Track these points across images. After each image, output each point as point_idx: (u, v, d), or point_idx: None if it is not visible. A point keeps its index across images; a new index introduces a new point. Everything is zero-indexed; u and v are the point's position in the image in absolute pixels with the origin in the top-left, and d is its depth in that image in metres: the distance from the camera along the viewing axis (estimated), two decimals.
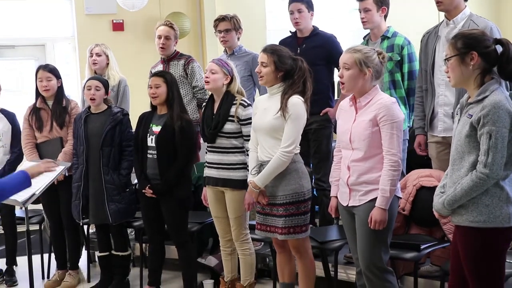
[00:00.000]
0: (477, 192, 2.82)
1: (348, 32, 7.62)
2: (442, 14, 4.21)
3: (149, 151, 4.39)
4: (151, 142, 4.37)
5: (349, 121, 3.46)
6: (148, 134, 4.39)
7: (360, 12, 4.56)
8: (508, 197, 2.84)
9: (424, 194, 4.02)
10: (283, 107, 3.65)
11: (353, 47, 3.52)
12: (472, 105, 2.88)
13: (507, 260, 3.27)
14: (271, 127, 3.70)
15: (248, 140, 4.01)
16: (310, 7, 4.83)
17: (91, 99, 4.69)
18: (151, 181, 4.38)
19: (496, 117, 2.76)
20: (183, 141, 4.32)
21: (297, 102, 3.66)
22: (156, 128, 4.38)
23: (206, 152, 4.27)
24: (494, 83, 2.86)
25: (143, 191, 4.39)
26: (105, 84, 4.79)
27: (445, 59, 2.96)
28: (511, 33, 7.18)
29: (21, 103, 5.98)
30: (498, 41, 2.91)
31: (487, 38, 2.90)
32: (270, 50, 3.77)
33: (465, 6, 4.09)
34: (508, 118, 2.77)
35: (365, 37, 4.76)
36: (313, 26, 4.89)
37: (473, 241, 2.87)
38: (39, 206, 5.21)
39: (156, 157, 4.35)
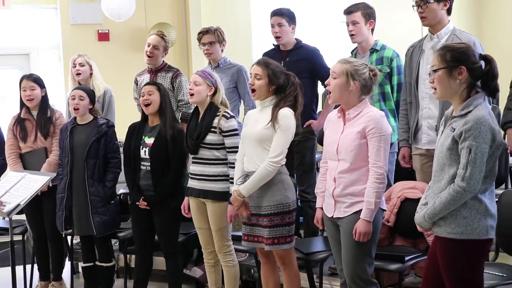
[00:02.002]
0: (455, 205, 2.86)
1: (338, 45, 7.63)
2: (426, 28, 4.26)
3: (142, 163, 4.39)
4: (145, 154, 4.37)
5: (337, 132, 3.49)
6: (141, 146, 4.39)
7: (348, 25, 4.59)
8: (487, 210, 2.88)
9: (409, 205, 4.05)
10: (274, 118, 3.68)
11: (346, 58, 3.57)
12: (455, 119, 2.92)
13: (488, 272, 3.33)
14: (259, 136, 3.72)
15: (231, 152, 4.04)
16: (292, 20, 4.84)
17: (74, 108, 4.68)
18: (144, 192, 4.38)
19: (477, 132, 2.80)
20: (175, 151, 4.32)
21: (287, 114, 3.70)
22: (149, 140, 4.38)
23: (191, 163, 4.27)
24: (478, 98, 2.90)
25: (137, 203, 4.38)
26: (90, 94, 4.78)
27: (432, 70, 2.99)
28: (492, 47, 7.27)
29: (5, 113, 5.95)
30: (483, 57, 2.95)
31: (474, 54, 2.94)
32: (264, 63, 3.80)
33: (449, 20, 4.15)
34: (489, 134, 2.81)
35: (353, 51, 4.78)
36: (296, 39, 4.92)
37: (452, 252, 2.91)
38: (22, 217, 5.18)
39: (149, 168, 4.35)
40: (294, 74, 3.84)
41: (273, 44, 4.98)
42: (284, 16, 4.81)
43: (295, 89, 3.78)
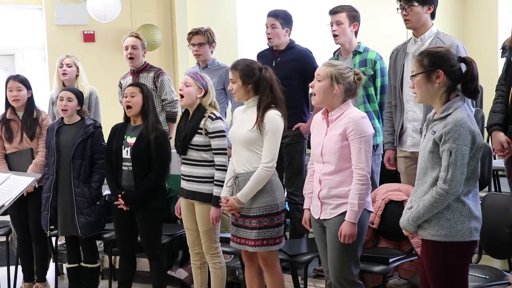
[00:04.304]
0: (439, 208, 2.89)
1: (322, 47, 7.66)
2: (410, 31, 4.30)
3: (124, 163, 4.38)
4: (126, 154, 4.36)
5: (321, 134, 3.51)
6: (123, 146, 4.39)
7: (332, 25, 4.61)
8: (470, 212, 2.92)
9: (393, 208, 4.07)
10: (259, 122, 3.70)
11: (331, 61, 3.59)
12: (436, 122, 2.96)
13: (471, 274, 3.36)
14: (245, 139, 3.74)
15: (217, 153, 4.06)
16: (286, 24, 4.81)
17: (62, 109, 4.67)
18: (125, 192, 4.36)
19: (457, 134, 2.83)
20: (158, 152, 4.32)
21: (274, 116, 3.71)
22: (131, 140, 4.37)
23: (182, 164, 4.27)
24: (458, 101, 2.94)
25: (115, 203, 4.37)
26: (78, 95, 4.76)
27: (411, 76, 3.04)
28: (476, 50, 7.35)
29: None
30: (462, 60, 2.99)
31: (452, 57, 2.98)
32: (234, 66, 3.83)
33: (432, 24, 4.19)
34: (469, 136, 2.85)
35: (335, 52, 4.79)
36: (290, 39, 4.92)
37: (436, 254, 2.94)
38: (7, 218, 5.15)
39: (131, 169, 4.34)
40: (280, 73, 3.85)
41: (267, 44, 4.98)
42: (278, 18, 4.80)
43: (267, 82, 3.77)
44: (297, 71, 4.71)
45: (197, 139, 4.09)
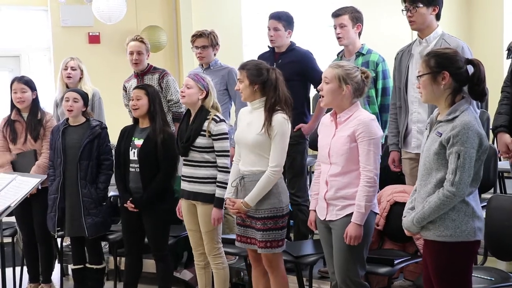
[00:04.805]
0: (444, 209, 2.90)
1: (325, 49, 7.66)
2: (415, 32, 4.30)
3: (131, 165, 4.40)
4: (134, 156, 4.38)
5: (329, 135, 3.51)
6: (131, 148, 4.40)
7: (336, 28, 4.62)
8: (474, 212, 2.93)
9: (398, 209, 4.05)
10: (267, 125, 3.70)
11: (337, 62, 3.59)
12: (442, 123, 2.95)
13: (477, 276, 3.36)
14: (254, 143, 3.75)
15: (220, 155, 4.08)
16: (288, 25, 4.83)
17: (68, 110, 4.69)
18: (134, 195, 4.38)
19: (465, 137, 2.84)
20: (165, 154, 4.33)
21: (282, 120, 3.72)
22: (138, 142, 4.39)
23: (182, 165, 4.28)
24: (464, 103, 2.94)
25: (125, 205, 4.38)
26: (84, 96, 4.78)
27: (417, 76, 3.04)
28: (482, 52, 7.33)
29: None
30: (470, 62, 2.99)
31: (460, 59, 2.97)
32: (242, 66, 3.85)
33: (437, 25, 4.18)
34: (476, 139, 2.85)
35: (339, 53, 4.81)
36: (290, 41, 4.94)
37: (440, 255, 2.94)
38: (12, 219, 5.16)
39: (138, 170, 4.36)
40: (276, 69, 3.85)
41: (268, 46, 4.99)
42: (281, 20, 4.82)
43: (272, 82, 3.77)
44: (298, 73, 4.72)
45: (200, 140, 4.10)
